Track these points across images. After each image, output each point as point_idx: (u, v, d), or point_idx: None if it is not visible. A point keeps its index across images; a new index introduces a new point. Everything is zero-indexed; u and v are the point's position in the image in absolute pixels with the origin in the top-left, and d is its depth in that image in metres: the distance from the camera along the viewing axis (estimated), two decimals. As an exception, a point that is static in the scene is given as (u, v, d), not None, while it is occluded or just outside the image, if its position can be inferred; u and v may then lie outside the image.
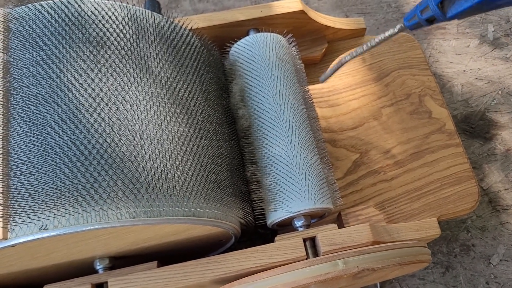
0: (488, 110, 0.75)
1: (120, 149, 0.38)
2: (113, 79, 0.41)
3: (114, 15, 0.44)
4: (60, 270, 0.47)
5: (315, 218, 0.52)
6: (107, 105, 0.39)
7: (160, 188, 0.39)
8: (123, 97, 0.40)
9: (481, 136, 0.73)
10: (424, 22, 0.41)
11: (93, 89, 0.40)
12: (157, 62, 0.45)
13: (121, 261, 0.47)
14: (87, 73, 0.40)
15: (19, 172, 0.37)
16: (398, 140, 0.60)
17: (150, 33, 0.46)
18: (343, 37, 0.66)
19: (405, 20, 0.42)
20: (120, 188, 0.37)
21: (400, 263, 0.39)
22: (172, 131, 0.42)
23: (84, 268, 0.47)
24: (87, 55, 0.41)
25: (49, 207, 0.35)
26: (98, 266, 0.45)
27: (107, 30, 0.43)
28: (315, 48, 0.64)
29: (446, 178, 0.58)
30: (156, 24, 0.47)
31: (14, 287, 0.49)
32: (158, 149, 0.40)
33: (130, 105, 0.40)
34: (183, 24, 0.51)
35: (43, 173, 0.36)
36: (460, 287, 0.62)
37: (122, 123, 0.39)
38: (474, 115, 0.75)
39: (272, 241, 0.46)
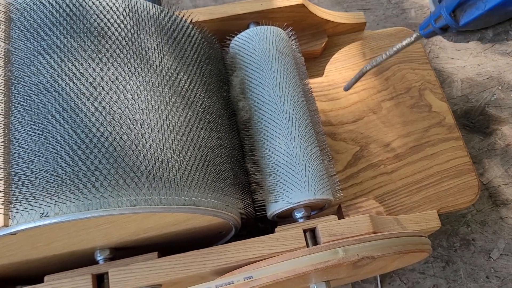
0: (488, 105, 0.75)
1: (121, 138, 0.38)
2: (114, 69, 0.41)
3: (115, 6, 0.44)
4: (61, 261, 0.47)
5: (315, 210, 0.53)
6: (108, 95, 0.39)
7: (161, 176, 0.39)
8: (123, 87, 0.41)
9: (481, 131, 0.73)
10: (439, 31, 0.41)
11: (94, 79, 0.40)
12: (158, 53, 0.45)
13: (122, 252, 0.47)
14: (88, 63, 0.40)
15: (20, 159, 0.37)
16: (398, 134, 0.60)
17: (151, 24, 0.46)
18: (343, 31, 0.67)
19: (420, 29, 0.43)
20: (121, 176, 0.37)
21: (400, 252, 0.39)
22: (173, 121, 0.42)
23: (85, 259, 0.47)
24: (88, 45, 0.41)
25: (50, 194, 0.36)
26: (99, 257, 0.45)
27: (108, 21, 0.43)
28: (315, 42, 0.64)
29: (446, 171, 0.58)
30: (157, 16, 0.47)
31: (15, 279, 0.49)
32: (159, 138, 0.40)
33: (130, 94, 0.41)
34: (183, 16, 0.51)
35: (44, 160, 0.36)
36: (460, 281, 0.62)
37: (122, 112, 0.39)
38: (474, 110, 0.75)
39: (272, 233, 0.46)
